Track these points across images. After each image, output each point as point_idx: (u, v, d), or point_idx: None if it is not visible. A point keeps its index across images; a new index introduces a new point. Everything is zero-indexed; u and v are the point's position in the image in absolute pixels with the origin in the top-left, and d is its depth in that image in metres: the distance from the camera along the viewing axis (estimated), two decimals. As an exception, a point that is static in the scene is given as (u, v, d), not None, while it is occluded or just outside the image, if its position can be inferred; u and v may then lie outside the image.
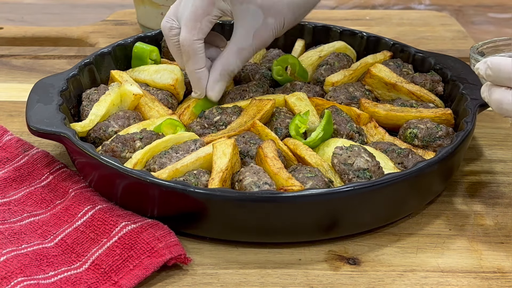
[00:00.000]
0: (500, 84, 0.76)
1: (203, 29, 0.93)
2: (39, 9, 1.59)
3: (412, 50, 1.06)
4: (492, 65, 0.75)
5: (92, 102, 0.95)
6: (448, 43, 1.34)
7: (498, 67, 0.75)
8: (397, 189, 0.80)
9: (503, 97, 0.75)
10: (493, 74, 0.75)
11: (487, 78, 0.76)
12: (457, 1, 1.71)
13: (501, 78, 0.75)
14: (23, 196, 0.87)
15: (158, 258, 0.75)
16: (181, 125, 0.92)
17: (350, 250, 0.81)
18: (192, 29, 0.92)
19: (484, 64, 0.76)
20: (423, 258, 0.80)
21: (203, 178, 0.82)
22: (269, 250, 0.80)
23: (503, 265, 0.79)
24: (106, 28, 1.36)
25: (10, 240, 0.80)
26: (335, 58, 1.05)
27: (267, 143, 0.85)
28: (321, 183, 0.81)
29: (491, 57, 0.76)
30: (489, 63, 0.75)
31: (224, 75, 0.95)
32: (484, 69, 0.76)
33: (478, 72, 0.77)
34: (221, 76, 0.95)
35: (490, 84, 0.77)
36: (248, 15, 0.92)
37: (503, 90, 0.75)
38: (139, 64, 1.06)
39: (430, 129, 0.90)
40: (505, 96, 0.75)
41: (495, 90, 0.76)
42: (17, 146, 0.95)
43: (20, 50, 1.27)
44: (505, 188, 0.91)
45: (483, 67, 0.76)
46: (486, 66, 0.76)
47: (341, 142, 0.87)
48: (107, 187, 0.84)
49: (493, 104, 0.76)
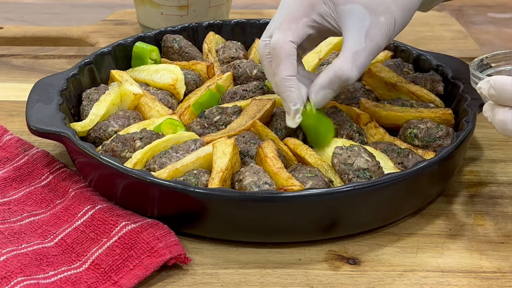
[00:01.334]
0: (503, 104, 0.74)
1: (299, 32, 0.84)
2: (39, 9, 1.59)
3: (412, 50, 1.06)
4: (495, 85, 0.73)
5: (92, 102, 0.95)
6: (448, 43, 1.34)
7: (502, 87, 0.73)
8: (397, 189, 0.80)
9: (507, 118, 0.73)
10: (496, 94, 0.73)
11: (490, 98, 0.74)
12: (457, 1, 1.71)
13: (505, 98, 0.73)
14: (23, 196, 0.87)
15: (158, 258, 0.75)
16: (181, 125, 0.92)
17: (350, 250, 0.81)
18: (286, 30, 0.84)
19: (486, 83, 0.74)
20: (423, 258, 0.80)
21: (203, 178, 0.82)
22: (269, 250, 0.80)
23: (503, 265, 0.79)
24: (106, 28, 1.36)
25: (10, 240, 0.80)
26: (335, 57, 1.05)
27: (267, 143, 0.85)
28: (321, 183, 0.81)
29: (494, 76, 0.74)
30: (492, 82, 0.73)
31: (334, 82, 0.85)
32: (487, 88, 0.74)
33: (480, 91, 0.75)
34: (331, 83, 0.85)
35: (493, 104, 0.75)
36: (355, 16, 0.83)
37: (507, 110, 0.73)
38: (139, 64, 1.06)
39: (430, 129, 0.90)
40: (509, 117, 0.73)
41: (499, 111, 0.74)
42: (17, 146, 0.95)
43: (20, 49, 1.27)
44: (505, 188, 0.91)
45: (486, 87, 0.74)
46: (489, 86, 0.74)
47: (341, 142, 0.87)
48: (107, 186, 0.84)
49: (496, 125, 0.75)
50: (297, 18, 0.84)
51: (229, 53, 1.09)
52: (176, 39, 1.09)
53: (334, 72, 0.84)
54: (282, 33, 0.84)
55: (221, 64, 1.08)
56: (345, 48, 0.84)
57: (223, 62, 1.08)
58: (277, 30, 0.85)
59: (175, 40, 1.09)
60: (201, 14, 1.26)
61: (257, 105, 0.93)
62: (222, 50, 1.10)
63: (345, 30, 0.85)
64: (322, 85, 0.85)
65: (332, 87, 0.85)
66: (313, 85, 0.86)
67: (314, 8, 0.84)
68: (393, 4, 0.84)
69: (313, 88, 0.86)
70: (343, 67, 0.84)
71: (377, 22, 0.84)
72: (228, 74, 1.03)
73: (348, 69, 0.84)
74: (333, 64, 0.85)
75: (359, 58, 0.84)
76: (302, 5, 0.84)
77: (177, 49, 1.08)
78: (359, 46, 0.84)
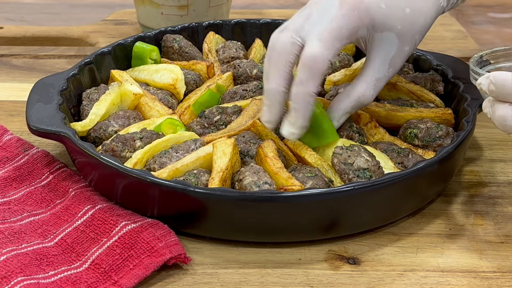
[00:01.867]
0: (503, 100, 0.73)
1: (337, 52, 0.83)
2: (39, 9, 1.59)
3: (412, 50, 1.06)
4: (496, 81, 0.73)
5: (92, 102, 0.95)
6: (448, 43, 1.34)
7: (502, 83, 0.72)
8: (397, 189, 0.80)
9: (507, 114, 0.73)
10: (497, 90, 0.73)
11: (490, 94, 0.74)
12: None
13: (505, 94, 0.73)
14: (23, 196, 0.87)
15: (158, 258, 0.75)
16: (181, 125, 0.92)
17: (350, 250, 0.81)
18: (331, 48, 0.81)
19: (486, 79, 0.74)
20: (423, 257, 0.80)
21: (203, 177, 0.82)
22: (269, 249, 0.80)
23: (503, 265, 0.79)
24: (106, 27, 1.36)
25: (10, 240, 0.80)
26: (335, 57, 1.05)
27: (267, 142, 0.85)
28: (321, 183, 0.81)
29: (494, 72, 0.74)
30: (492, 78, 0.73)
31: (356, 107, 0.88)
32: (487, 84, 0.74)
33: (480, 87, 0.75)
34: (352, 109, 0.88)
35: (493, 100, 0.75)
36: (385, 43, 0.85)
37: (507, 106, 0.73)
38: (139, 64, 1.06)
39: (430, 129, 0.90)
40: (509, 113, 0.73)
41: (499, 106, 0.74)
42: (17, 146, 0.95)
43: (20, 49, 1.27)
44: (505, 188, 0.91)
45: (486, 83, 0.74)
46: (489, 82, 0.73)
47: (341, 142, 0.87)
48: (107, 186, 0.84)
49: (496, 121, 0.74)
50: (343, 39, 0.82)
51: (229, 53, 1.09)
52: (176, 39, 1.09)
53: (357, 98, 0.87)
54: (326, 49, 0.81)
55: (221, 64, 1.08)
56: (369, 74, 0.86)
57: (223, 62, 1.08)
58: (319, 41, 0.81)
59: (175, 40, 1.09)
60: (201, 14, 1.26)
61: (257, 105, 0.93)
62: (222, 50, 1.10)
63: (372, 55, 0.86)
64: (346, 111, 0.88)
65: (352, 111, 0.89)
66: (336, 110, 0.88)
67: (357, 32, 0.84)
68: (418, 34, 0.87)
69: (336, 114, 0.88)
70: (366, 93, 0.87)
71: (402, 51, 0.86)
72: (228, 74, 1.03)
73: (369, 95, 0.87)
74: (356, 90, 0.87)
75: (380, 84, 0.87)
76: (351, 25, 0.82)
77: (177, 49, 1.08)
78: (382, 73, 0.86)
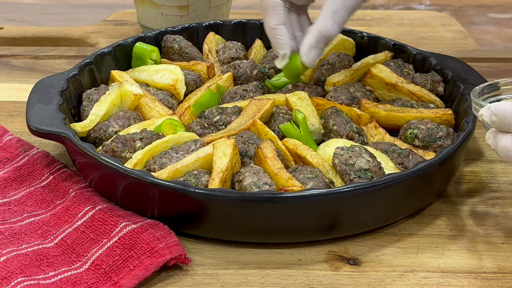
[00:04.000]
0: (505, 131, 0.74)
1: None
2: (39, 9, 1.59)
3: (413, 51, 1.06)
4: (497, 112, 0.73)
5: (92, 102, 0.95)
6: (449, 43, 1.34)
7: (504, 114, 0.73)
8: (397, 189, 0.80)
9: (510, 144, 0.73)
10: (498, 121, 0.73)
11: (492, 125, 0.75)
12: (457, 1, 1.71)
13: (507, 124, 0.73)
14: (23, 196, 0.87)
15: (158, 259, 0.75)
16: (181, 125, 0.92)
17: (351, 251, 0.81)
18: None
19: (488, 110, 0.74)
20: (424, 258, 0.80)
21: (203, 178, 0.81)
22: (269, 250, 0.80)
23: (503, 266, 0.79)
24: (106, 28, 1.36)
25: (10, 240, 0.79)
26: (336, 58, 1.05)
27: (265, 143, 0.85)
28: (322, 184, 0.81)
29: (495, 103, 0.74)
30: (493, 109, 0.74)
31: (321, 40, 0.93)
32: (489, 115, 0.74)
33: (482, 118, 0.76)
34: (317, 42, 0.93)
35: (495, 131, 0.75)
36: None
37: (509, 136, 0.74)
38: (140, 64, 1.06)
39: (430, 130, 0.90)
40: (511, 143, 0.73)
41: (501, 137, 0.74)
42: (17, 146, 0.95)
43: (20, 50, 1.27)
44: (505, 189, 0.91)
45: (487, 114, 0.74)
46: (490, 113, 0.74)
47: (341, 142, 0.87)
48: (107, 187, 0.84)
49: (500, 152, 0.75)
50: None
51: (229, 54, 1.09)
52: (176, 39, 1.09)
53: (318, 30, 0.92)
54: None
55: (221, 65, 1.08)
56: (326, 7, 0.92)
57: (223, 63, 1.08)
58: None
59: (175, 40, 1.09)
60: (201, 15, 1.26)
61: (256, 105, 0.93)
62: (222, 50, 1.10)
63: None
64: (311, 45, 0.93)
65: (319, 45, 0.93)
66: (302, 46, 0.94)
67: None
68: None
69: (303, 50, 0.94)
70: (325, 24, 0.92)
71: None
72: (228, 75, 1.03)
73: (329, 26, 0.92)
74: (316, 24, 0.93)
75: (338, 15, 0.92)
76: None
77: (177, 50, 1.08)
78: (338, 4, 0.92)
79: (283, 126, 0.91)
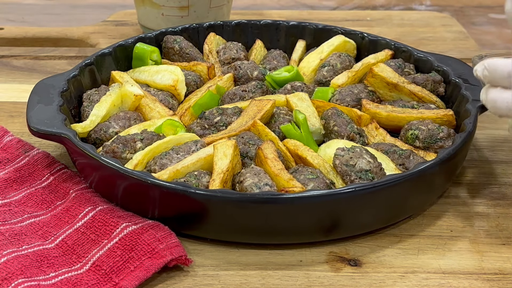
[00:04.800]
0: (496, 85, 0.76)
1: None
2: (39, 10, 1.59)
3: (413, 51, 1.06)
4: (489, 66, 0.76)
5: (93, 103, 0.95)
6: (449, 44, 1.34)
7: (494, 68, 0.76)
8: (398, 190, 0.80)
9: (498, 96, 0.76)
10: (490, 75, 0.76)
11: (484, 79, 0.77)
12: (457, 1, 1.71)
13: (497, 78, 0.76)
14: (23, 197, 0.87)
15: (159, 260, 0.75)
16: (181, 126, 0.92)
17: (351, 252, 0.81)
18: None
19: (481, 65, 0.77)
20: (424, 259, 0.80)
21: (204, 179, 0.81)
22: (270, 251, 0.80)
23: (504, 267, 0.79)
24: (106, 28, 1.36)
25: (11, 241, 0.79)
26: (337, 59, 1.05)
27: (266, 144, 0.85)
28: (323, 185, 0.80)
29: (488, 59, 0.77)
30: (486, 64, 0.76)
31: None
32: (481, 70, 0.77)
33: (476, 74, 0.78)
34: None
35: (488, 86, 0.78)
36: None
37: (499, 89, 0.76)
38: (140, 65, 1.06)
39: (431, 131, 0.90)
40: (500, 95, 0.76)
41: (492, 91, 0.77)
42: (17, 147, 0.95)
43: (20, 50, 1.27)
44: (506, 190, 0.91)
45: (480, 69, 0.77)
46: (483, 68, 0.77)
47: (342, 143, 0.87)
48: (107, 188, 0.84)
49: (488, 104, 0.77)
50: None
51: (230, 54, 1.09)
52: (176, 40, 1.09)
53: None
54: None
55: (221, 65, 1.08)
56: None
57: (224, 63, 1.08)
58: None
59: (175, 41, 1.09)
60: (202, 15, 1.26)
61: (257, 105, 0.93)
62: (222, 51, 1.10)
63: None
64: None
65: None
66: None
67: None
68: None
69: None
70: None
71: None
72: (229, 75, 1.02)
73: None
74: None
75: None
76: None
77: (178, 50, 1.08)
78: None
79: (284, 127, 0.91)
